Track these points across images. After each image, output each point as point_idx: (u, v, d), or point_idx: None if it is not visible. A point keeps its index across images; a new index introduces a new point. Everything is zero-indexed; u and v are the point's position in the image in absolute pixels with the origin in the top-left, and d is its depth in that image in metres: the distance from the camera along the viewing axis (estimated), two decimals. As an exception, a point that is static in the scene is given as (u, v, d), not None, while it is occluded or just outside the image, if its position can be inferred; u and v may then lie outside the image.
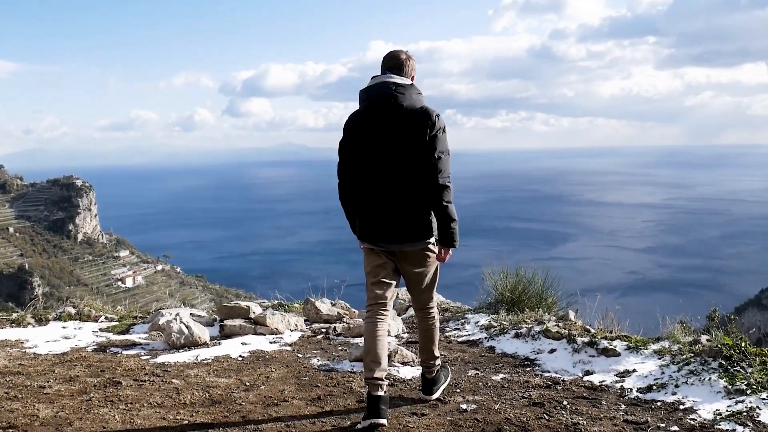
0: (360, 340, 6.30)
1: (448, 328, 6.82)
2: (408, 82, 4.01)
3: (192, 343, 6.09)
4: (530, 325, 5.97)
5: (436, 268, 4.21)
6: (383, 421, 3.81)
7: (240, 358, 5.72)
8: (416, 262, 4.10)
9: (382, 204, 3.98)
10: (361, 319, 7.42)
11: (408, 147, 3.88)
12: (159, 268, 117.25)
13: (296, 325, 6.83)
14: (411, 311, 7.80)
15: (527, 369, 5.21)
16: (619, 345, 5.11)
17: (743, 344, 4.50)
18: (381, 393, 3.87)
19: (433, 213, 3.97)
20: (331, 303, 8.00)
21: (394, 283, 4.19)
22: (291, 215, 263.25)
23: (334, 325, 6.76)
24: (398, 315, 8.04)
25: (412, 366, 5.35)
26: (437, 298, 4.84)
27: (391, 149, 3.91)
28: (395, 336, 6.54)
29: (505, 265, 7.46)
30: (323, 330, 6.75)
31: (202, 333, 6.20)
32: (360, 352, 5.42)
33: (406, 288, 4.36)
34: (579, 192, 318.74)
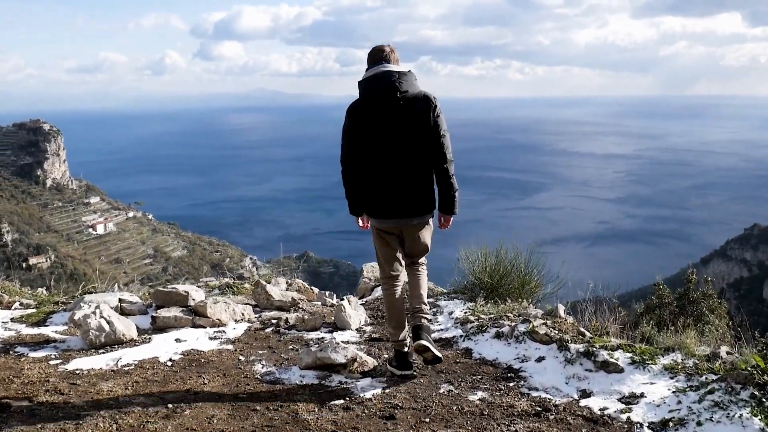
0: (314, 335, 5.48)
1: (417, 319, 5.94)
2: (406, 69, 4.39)
3: (115, 342, 5.14)
4: (513, 323, 5.10)
5: (431, 232, 4.66)
6: (413, 372, 4.47)
7: (169, 363, 4.80)
8: (421, 232, 4.55)
9: (393, 184, 4.36)
10: (320, 302, 6.59)
11: (416, 130, 4.30)
12: (130, 215, 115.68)
13: (243, 315, 5.91)
14: (376, 293, 6.96)
15: (511, 384, 4.34)
16: (621, 358, 4.24)
17: (778, 367, 3.65)
18: (407, 350, 4.49)
19: (436, 186, 4.45)
20: (287, 282, 7.11)
21: (401, 255, 4.65)
22: (264, 162, 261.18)
23: (287, 315, 5.85)
24: (362, 297, 7.17)
25: (372, 378, 4.46)
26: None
27: (400, 134, 4.31)
28: (356, 329, 5.64)
29: (485, 244, 6.56)
30: (274, 321, 5.84)
31: (128, 329, 5.25)
32: (311, 359, 4.57)
33: (401, 251, 4.64)
34: (553, 142, 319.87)
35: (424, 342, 4.32)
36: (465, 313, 5.71)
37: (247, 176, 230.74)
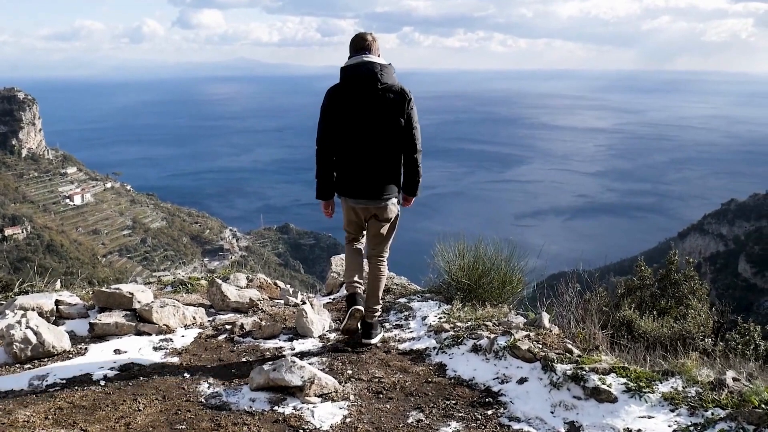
0: (272, 344, 4.95)
1: (387, 323, 5.38)
2: (387, 62, 4.67)
3: (44, 355, 4.55)
4: (493, 335, 4.57)
5: (396, 221, 5.02)
6: (360, 307, 4.83)
7: (102, 382, 4.21)
8: (385, 213, 4.90)
9: (364, 167, 4.70)
10: (282, 301, 6.05)
11: (389, 120, 4.60)
12: (108, 185, 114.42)
13: (194, 319, 5.33)
14: (344, 290, 6.42)
15: (489, 412, 3.80)
16: (614, 384, 3.71)
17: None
18: (358, 290, 4.94)
19: (403, 171, 4.80)
20: (247, 278, 6.53)
21: (364, 234, 5.10)
22: (245, 133, 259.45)
23: (242, 320, 5.25)
24: (330, 293, 6.62)
25: (332, 402, 3.92)
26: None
27: (375, 122, 4.60)
28: (318, 337, 5.08)
29: (462, 237, 6.01)
30: (228, 326, 5.26)
31: (59, 339, 4.65)
32: (263, 379, 4.03)
33: (366, 239, 5.11)
34: (534, 115, 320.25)
35: (371, 341, 4.89)
36: (440, 319, 5.17)
37: (227, 147, 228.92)
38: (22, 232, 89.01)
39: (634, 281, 8.86)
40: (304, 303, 5.71)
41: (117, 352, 4.71)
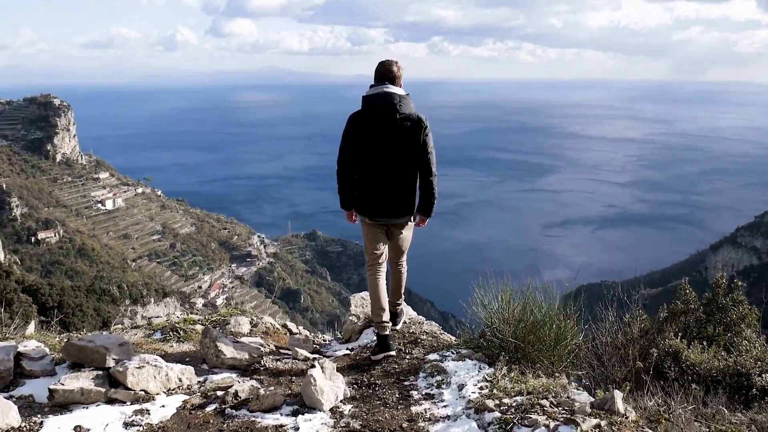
0: (271, 419, 3.95)
1: (415, 392, 4.35)
2: (405, 92, 4.96)
3: (-16, 434, 3.63)
4: (553, 421, 3.54)
5: (412, 233, 5.40)
6: (393, 352, 5.05)
7: (49, 479, 3.28)
8: (403, 229, 5.27)
9: (383, 189, 4.99)
10: (290, 353, 5.09)
11: (406, 146, 4.90)
12: (139, 190, 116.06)
13: (179, 381, 4.36)
14: (365, 338, 5.47)
15: None
16: None
17: None
18: (388, 332, 5.11)
19: (419, 193, 5.08)
20: (251, 323, 5.56)
21: (386, 246, 5.33)
22: (275, 140, 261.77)
23: (236, 387, 4.24)
24: (348, 339, 5.65)
25: None
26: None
27: (392, 147, 4.90)
28: (329, 410, 4.07)
29: (505, 283, 4.97)
30: (219, 392, 4.27)
31: (4, 414, 3.69)
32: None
33: (388, 249, 5.33)
34: (563, 124, 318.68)
35: (397, 327, 5.51)
36: (481, 389, 4.12)
37: (257, 153, 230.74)
38: (55, 236, 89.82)
39: (678, 305, 8.01)
40: (315, 358, 4.75)
41: (78, 429, 3.76)
